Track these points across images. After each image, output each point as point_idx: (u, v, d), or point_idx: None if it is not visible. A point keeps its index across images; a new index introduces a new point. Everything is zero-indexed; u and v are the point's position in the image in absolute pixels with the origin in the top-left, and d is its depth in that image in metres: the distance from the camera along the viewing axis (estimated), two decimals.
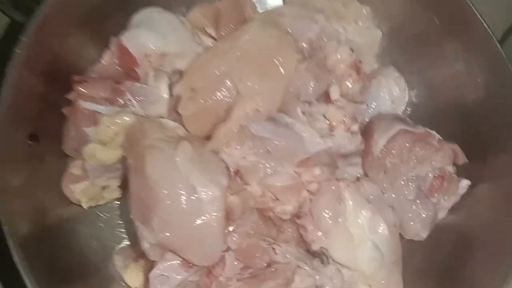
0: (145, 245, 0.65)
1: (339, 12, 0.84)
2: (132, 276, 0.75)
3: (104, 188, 0.77)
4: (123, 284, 0.75)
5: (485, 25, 0.72)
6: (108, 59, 0.76)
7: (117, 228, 0.81)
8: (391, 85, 0.86)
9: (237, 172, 0.71)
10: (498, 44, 0.72)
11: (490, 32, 0.72)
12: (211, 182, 0.64)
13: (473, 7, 0.72)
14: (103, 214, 0.81)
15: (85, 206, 0.75)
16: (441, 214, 0.78)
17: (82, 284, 0.72)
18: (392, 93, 0.85)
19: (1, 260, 0.75)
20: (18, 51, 0.64)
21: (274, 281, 0.65)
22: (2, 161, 0.63)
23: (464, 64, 0.78)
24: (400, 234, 0.76)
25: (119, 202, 0.81)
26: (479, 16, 0.72)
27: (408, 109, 0.88)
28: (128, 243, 0.80)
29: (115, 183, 0.77)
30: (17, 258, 0.60)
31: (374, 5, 0.86)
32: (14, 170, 0.66)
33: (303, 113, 0.74)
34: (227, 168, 0.70)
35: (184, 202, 0.62)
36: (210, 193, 0.63)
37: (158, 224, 0.62)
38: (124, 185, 0.78)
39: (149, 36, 0.72)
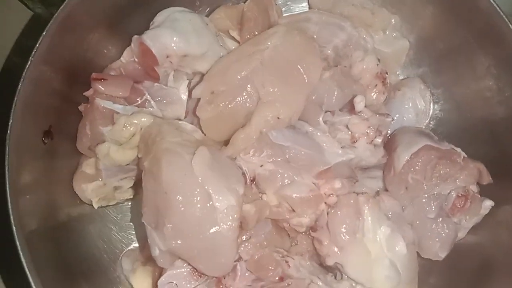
0: (155, 252, 0.63)
1: (367, 20, 0.82)
2: (140, 280, 0.73)
3: (116, 188, 0.76)
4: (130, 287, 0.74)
5: None
6: (128, 57, 0.74)
7: (127, 230, 0.80)
8: (416, 97, 0.84)
9: (253, 180, 0.69)
10: None
11: None
12: (227, 190, 0.62)
13: (508, 23, 0.69)
14: (114, 215, 0.80)
15: (95, 206, 0.74)
16: (461, 234, 0.75)
17: (88, 285, 0.71)
18: (417, 106, 0.83)
19: (6, 257, 0.75)
20: (39, 46, 0.63)
21: None
22: (16, 156, 0.61)
23: (494, 80, 0.76)
24: (418, 253, 0.73)
25: (130, 203, 0.80)
26: None
27: (432, 122, 0.86)
28: (137, 245, 0.79)
29: (127, 184, 0.76)
30: (23, 256, 0.59)
31: (403, 15, 0.83)
32: (26, 166, 0.65)
33: (325, 122, 0.73)
34: (244, 175, 0.68)
35: (199, 210, 0.61)
36: (226, 202, 0.61)
37: (170, 231, 0.61)
38: (137, 186, 0.77)
39: (171, 36, 0.70)
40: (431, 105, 0.85)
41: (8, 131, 0.60)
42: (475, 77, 0.78)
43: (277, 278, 0.66)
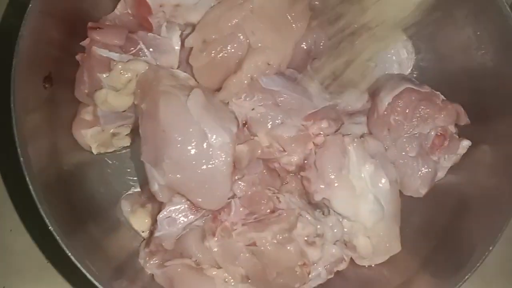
0: (155, 187, 0.67)
1: None
2: (139, 220, 0.77)
3: (114, 135, 0.79)
4: (131, 227, 0.78)
5: None
6: (122, 9, 0.77)
7: (125, 176, 0.83)
8: (399, 47, 0.87)
9: (245, 124, 0.73)
10: (509, 10, 0.72)
11: None
12: (222, 129, 0.65)
13: None
14: (112, 162, 0.83)
15: (94, 151, 0.77)
16: (441, 174, 0.80)
17: (94, 225, 0.74)
18: (400, 56, 0.87)
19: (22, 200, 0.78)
20: None
21: (278, 225, 0.67)
22: (20, 103, 0.64)
23: (472, 30, 0.79)
24: (400, 192, 0.78)
25: (127, 150, 0.83)
26: None
27: (415, 72, 0.89)
28: (135, 190, 0.82)
29: (125, 131, 0.79)
30: (36, 198, 0.62)
31: None
32: (30, 113, 0.67)
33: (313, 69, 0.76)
34: (236, 118, 0.72)
35: (195, 146, 0.64)
36: (220, 139, 0.65)
37: (168, 166, 0.64)
38: (134, 134, 0.80)
39: None
40: (413, 55, 0.88)
41: (12, 76, 0.63)
42: (455, 28, 0.81)
43: (268, 211, 0.70)
